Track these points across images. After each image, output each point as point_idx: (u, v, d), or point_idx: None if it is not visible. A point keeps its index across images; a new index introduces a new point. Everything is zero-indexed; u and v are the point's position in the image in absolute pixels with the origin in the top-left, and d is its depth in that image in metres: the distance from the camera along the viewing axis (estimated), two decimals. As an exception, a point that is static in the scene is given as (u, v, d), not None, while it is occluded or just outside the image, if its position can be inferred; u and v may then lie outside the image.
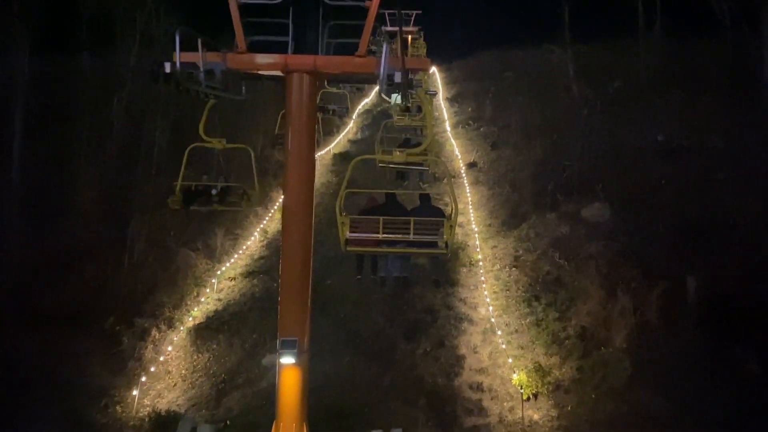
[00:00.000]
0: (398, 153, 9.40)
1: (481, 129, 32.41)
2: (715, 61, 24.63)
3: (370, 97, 39.24)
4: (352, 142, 33.05)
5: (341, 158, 29.28)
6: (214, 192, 11.75)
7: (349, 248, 8.79)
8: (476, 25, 48.92)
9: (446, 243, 8.62)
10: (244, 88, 12.33)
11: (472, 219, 23.16)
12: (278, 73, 8.57)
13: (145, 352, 17.25)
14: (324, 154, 30.73)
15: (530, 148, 26.65)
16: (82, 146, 23.13)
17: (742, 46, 24.61)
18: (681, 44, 26.70)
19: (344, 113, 26.05)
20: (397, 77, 7.96)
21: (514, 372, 14.77)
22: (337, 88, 25.26)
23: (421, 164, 14.43)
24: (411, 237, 8.51)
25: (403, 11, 24.10)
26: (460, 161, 28.90)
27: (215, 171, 12.70)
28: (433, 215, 9.20)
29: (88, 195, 21.82)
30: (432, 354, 15.71)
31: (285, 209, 8.73)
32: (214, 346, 17.22)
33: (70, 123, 23.57)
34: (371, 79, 8.62)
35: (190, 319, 18.59)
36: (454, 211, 8.70)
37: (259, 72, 8.88)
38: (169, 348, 17.43)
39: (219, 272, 20.80)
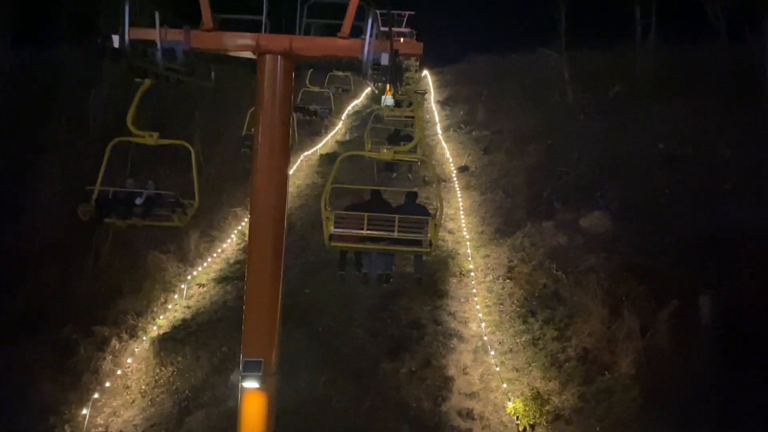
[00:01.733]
0: (385, 151, 8.98)
1: (473, 133, 31.43)
2: (713, 68, 23.98)
3: (360, 99, 38.26)
4: (340, 143, 31.83)
5: (328, 159, 28.00)
6: (138, 201, 9.52)
7: (333, 243, 8.71)
8: (470, 29, 48.39)
9: (430, 242, 8.60)
10: (213, 73, 11.18)
11: (463, 225, 21.90)
12: (250, 55, 7.65)
13: (102, 363, 15.62)
14: (311, 154, 29.55)
15: (524, 153, 25.73)
16: (56, 141, 21.57)
17: (741, 52, 24.06)
18: (678, 50, 26.23)
19: (326, 114, 24.71)
20: (384, 59, 7.13)
21: (509, 399, 13.32)
22: (320, 87, 24.09)
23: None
24: (395, 234, 8.45)
25: (394, 11, 23.32)
26: (451, 164, 27.77)
27: (142, 175, 10.70)
28: (419, 213, 9.19)
29: (54, 192, 20.34)
30: (418, 374, 14.24)
31: (253, 213, 7.94)
32: (179, 358, 15.66)
33: (43, 116, 21.98)
34: (355, 65, 7.60)
35: (155, 328, 17.08)
36: (439, 209, 8.98)
37: (228, 53, 7.90)
38: (129, 360, 15.89)
39: (189, 277, 19.31)
